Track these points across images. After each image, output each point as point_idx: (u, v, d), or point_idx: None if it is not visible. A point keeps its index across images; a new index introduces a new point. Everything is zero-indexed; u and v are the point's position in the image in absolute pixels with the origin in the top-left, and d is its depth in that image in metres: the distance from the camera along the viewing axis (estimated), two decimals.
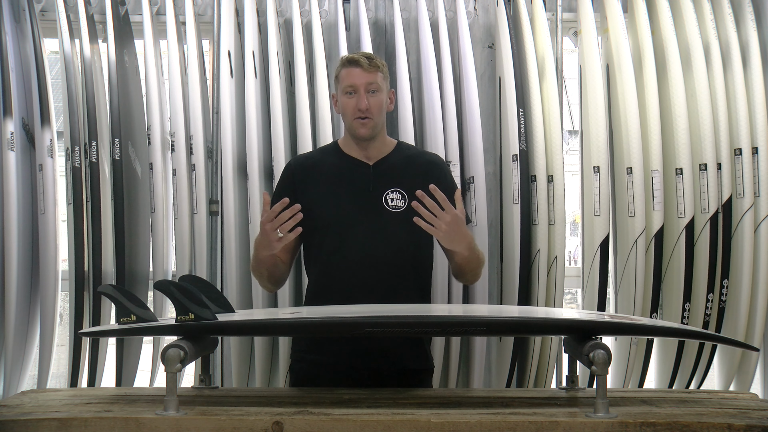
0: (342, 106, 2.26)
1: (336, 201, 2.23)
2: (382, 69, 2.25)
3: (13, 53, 2.84)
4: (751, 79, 2.89)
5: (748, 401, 1.85)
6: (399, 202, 2.22)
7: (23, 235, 2.82)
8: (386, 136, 2.34)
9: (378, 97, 2.22)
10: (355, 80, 2.21)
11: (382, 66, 2.25)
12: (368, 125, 2.22)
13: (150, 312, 1.80)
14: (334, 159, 2.30)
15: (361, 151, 2.28)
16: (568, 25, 3.08)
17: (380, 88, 2.23)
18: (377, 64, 2.23)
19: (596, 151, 2.86)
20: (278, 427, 1.58)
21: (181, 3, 2.93)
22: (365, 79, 2.21)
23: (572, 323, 1.91)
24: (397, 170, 2.26)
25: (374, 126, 2.23)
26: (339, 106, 2.28)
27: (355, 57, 2.24)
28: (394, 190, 2.23)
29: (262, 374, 2.86)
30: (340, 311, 1.96)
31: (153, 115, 2.87)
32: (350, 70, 2.22)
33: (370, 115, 2.21)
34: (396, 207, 2.22)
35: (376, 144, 2.28)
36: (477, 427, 1.58)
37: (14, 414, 1.66)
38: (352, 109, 2.22)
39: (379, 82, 2.22)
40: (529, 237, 2.84)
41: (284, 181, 2.33)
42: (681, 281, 2.83)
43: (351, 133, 2.27)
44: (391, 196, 2.23)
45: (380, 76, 2.23)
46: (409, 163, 2.29)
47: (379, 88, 2.22)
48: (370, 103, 2.21)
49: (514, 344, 2.85)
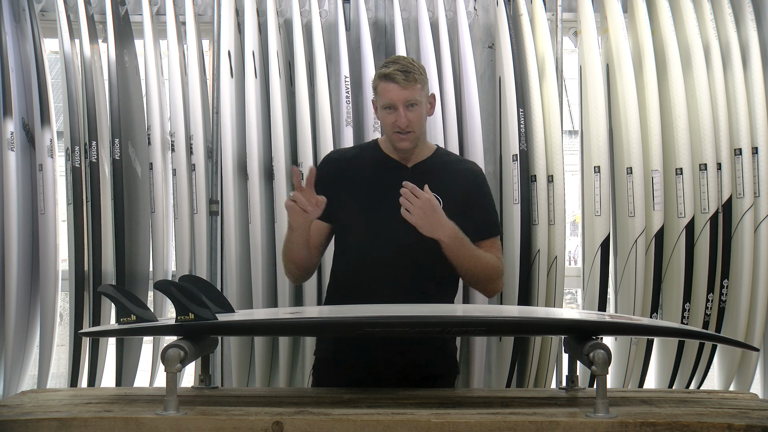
0: (381, 119, 2.22)
1: (369, 200, 2.21)
2: (420, 79, 2.18)
3: (13, 53, 2.84)
4: (751, 79, 2.89)
5: (748, 401, 1.85)
6: None
7: (23, 235, 2.82)
8: (426, 140, 2.32)
9: (417, 111, 2.18)
10: (393, 97, 2.16)
11: (420, 76, 2.18)
12: (410, 138, 2.20)
13: (150, 312, 1.80)
14: (373, 158, 2.28)
15: (400, 152, 2.25)
16: (568, 25, 3.08)
17: (419, 101, 2.17)
18: (414, 77, 2.15)
19: (596, 151, 2.86)
20: (278, 427, 1.58)
21: (181, 3, 2.93)
22: (403, 97, 2.15)
23: (572, 323, 1.91)
24: (434, 175, 2.23)
25: (416, 138, 2.21)
26: (379, 116, 2.24)
27: (391, 73, 2.16)
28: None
29: (262, 374, 2.86)
30: (340, 311, 1.96)
31: (153, 115, 2.87)
32: (387, 86, 2.16)
33: (411, 128, 2.18)
34: None
35: (415, 148, 2.25)
36: (477, 427, 1.58)
37: (14, 414, 1.66)
38: (391, 124, 2.18)
39: (417, 97, 2.16)
40: (529, 237, 2.84)
41: (321, 171, 2.24)
42: (681, 281, 2.83)
43: (393, 146, 2.24)
44: None
45: (418, 88, 2.17)
46: (447, 168, 2.27)
47: (417, 102, 2.17)
48: (410, 119, 2.17)
49: (514, 344, 2.85)
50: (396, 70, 2.16)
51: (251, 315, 2.12)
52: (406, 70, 2.16)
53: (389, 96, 2.16)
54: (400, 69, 2.16)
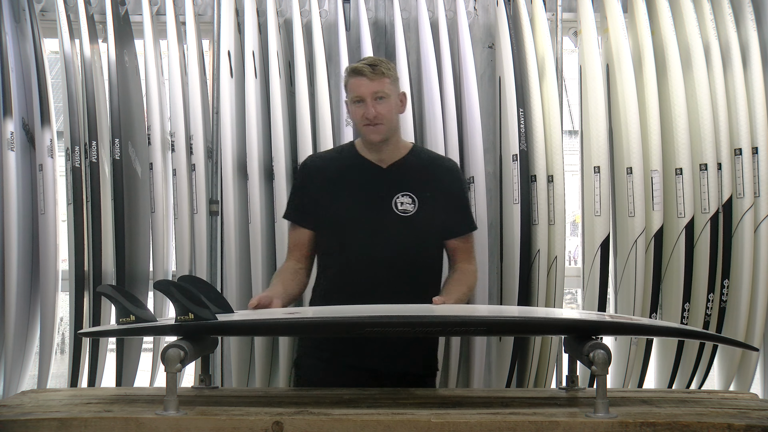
0: (351, 114, 2.27)
1: (346, 203, 2.24)
2: (389, 74, 2.22)
3: (13, 53, 2.84)
4: (751, 79, 2.89)
5: (748, 401, 1.86)
6: (408, 206, 2.24)
7: (23, 235, 2.82)
8: (401, 139, 2.34)
9: (386, 104, 2.21)
10: (362, 90, 2.20)
11: (388, 71, 2.22)
12: (379, 130, 2.22)
13: (149, 312, 1.80)
14: (349, 160, 2.31)
15: (375, 154, 2.28)
16: (568, 25, 3.08)
17: (387, 94, 2.21)
18: (382, 71, 2.20)
19: (596, 151, 2.86)
20: (278, 427, 1.58)
21: (181, 3, 2.93)
22: (371, 89, 2.19)
23: (572, 323, 1.91)
24: (410, 174, 2.27)
25: (386, 131, 2.23)
26: (350, 114, 2.29)
27: (358, 67, 2.22)
28: (404, 194, 2.24)
29: (262, 374, 2.86)
30: (340, 311, 1.96)
31: (153, 115, 2.86)
32: (356, 80, 2.21)
33: (380, 120, 2.21)
34: (405, 211, 2.23)
35: (389, 147, 2.28)
36: (477, 427, 1.58)
37: (14, 414, 1.66)
38: (360, 117, 2.22)
39: (385, 90, 2.20)
40: (529, 237, 2.84)
41: (299, 179, 2.35)
42: (681, 281, 2.83)
43: (364, 139, 2.28)
44: (401, 200, 2.24)
45: (387, 82, 2.21)
46: (423, 167, 2.30)
47: (386, 95, 2.21)
48: (378, 110, 2.20)
49: (514, 344, 2.85)
50: (364, 64, 2.23)
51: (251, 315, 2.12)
52: (373, 64, 2.22)
53: (358, 90, 2.21)
54: (368, 63, 2.23)
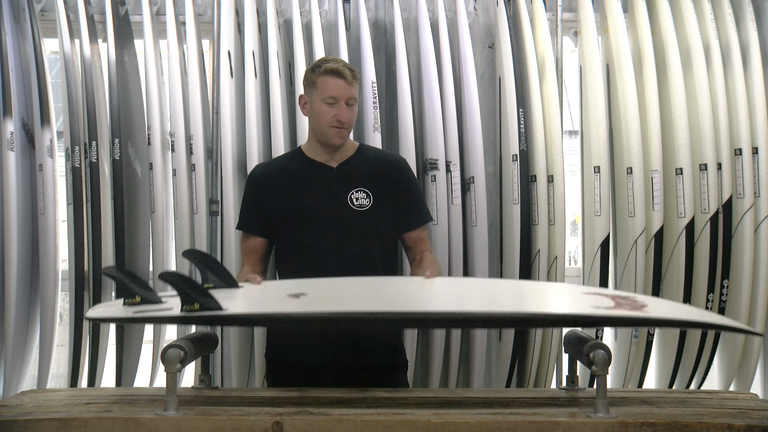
0: (317, 112, 2.27)
1: (301, 204, 2.28)
2: (358, 80, 2.29)
3: (13, 53, 2.84)
4: (751, 79, 2.89)
5: (748, 401, 1.86)
6: (364, 201, 2.28)
7: (23, 235, 2.82)
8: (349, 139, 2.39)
9: (354, 109, 2.28)
10: (338, 92, 2.23)
11: (357, 77, 2.28)
12: (343, 134, 2.28)
13: (154, 293, 1.79)
14: (298, 164, 2.34)
15: (325, 155, 2.32)
16: (568, 25, 3.08)
17: (356, 101, 2.28)
18: (356, 76, 2.27)
19: (596, 151, 2.86)
20: (278, 427, 1.58)
21: (181, 3, 2.93)
22: (348, 93, 2.24)
23: (566, 318, 1.90)
24: (359, 171, 2.31)
25: (347, 135, 2.30)
26: (311, 110, 2.29)
27: (338, 68, 2.24)
28: (359, 190, 2.28)
29: (262, 374, 2.85)
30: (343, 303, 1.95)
31: (153, 115, 2.86)
32: (334, 81, 2.23)
33: (348, 125, 2.27)
34: (362, 206, 2.27)
35: (341, 148, 2.32)
36: (477, 427, 1.58)
37: (14, 414, 1.66)
38: (330, 118, 2.25)
39: (356, 95, 2.27)
40: (529, 237, 2.84)
41: (249, 189, 2.38)
42: (681, 281, 2.83)
43: (323, 140, 2.30)
44: (356, 195, 2.28)
45: (357, 88, 2.28)
46: (371, 164, 2.34)
47: (356, 101, 2.28)
48: (349, 115, 2.26)
49: (514, 344, 2.85)
50: (344, 66, 2.26)
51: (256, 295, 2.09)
52: (351, 69, 2.27)
53: (336, 91, 2.23)
54: (347, 67, 2.26)
